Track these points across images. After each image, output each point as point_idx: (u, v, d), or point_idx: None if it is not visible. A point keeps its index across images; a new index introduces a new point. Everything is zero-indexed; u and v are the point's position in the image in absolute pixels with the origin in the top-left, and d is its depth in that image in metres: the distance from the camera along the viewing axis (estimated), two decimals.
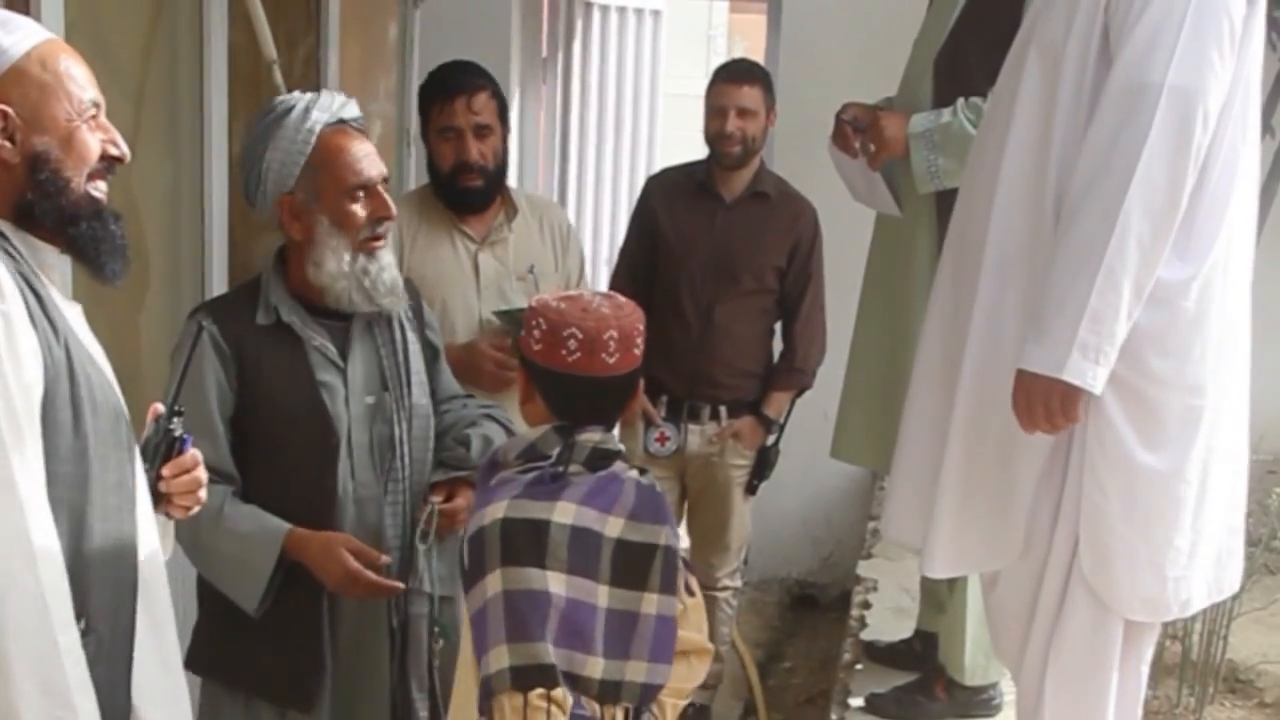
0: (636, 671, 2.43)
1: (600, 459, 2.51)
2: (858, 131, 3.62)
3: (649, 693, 2.44)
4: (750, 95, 4.51)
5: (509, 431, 3.05)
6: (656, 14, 7.31)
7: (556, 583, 2.39)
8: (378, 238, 2.87)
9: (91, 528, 2.03)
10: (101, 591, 2.04)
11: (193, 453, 2.29)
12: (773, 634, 5.95)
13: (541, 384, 2.53)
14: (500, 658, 2.35)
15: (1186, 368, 2.64)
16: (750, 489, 4.75)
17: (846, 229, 4.30)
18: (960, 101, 3.41)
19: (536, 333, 2.50)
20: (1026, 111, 2.70)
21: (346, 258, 2.83)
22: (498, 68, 5.82)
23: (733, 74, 4.59)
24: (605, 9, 6.91)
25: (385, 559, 2.85)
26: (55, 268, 2.11)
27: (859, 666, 4.23)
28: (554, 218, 4.09)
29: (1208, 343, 2.65)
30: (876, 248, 3.84)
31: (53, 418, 1.98)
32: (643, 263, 4.69)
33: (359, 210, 2.84)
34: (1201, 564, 2.74)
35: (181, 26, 3.74)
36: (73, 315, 2.11)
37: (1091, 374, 2.53)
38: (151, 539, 2.19)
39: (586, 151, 6.98)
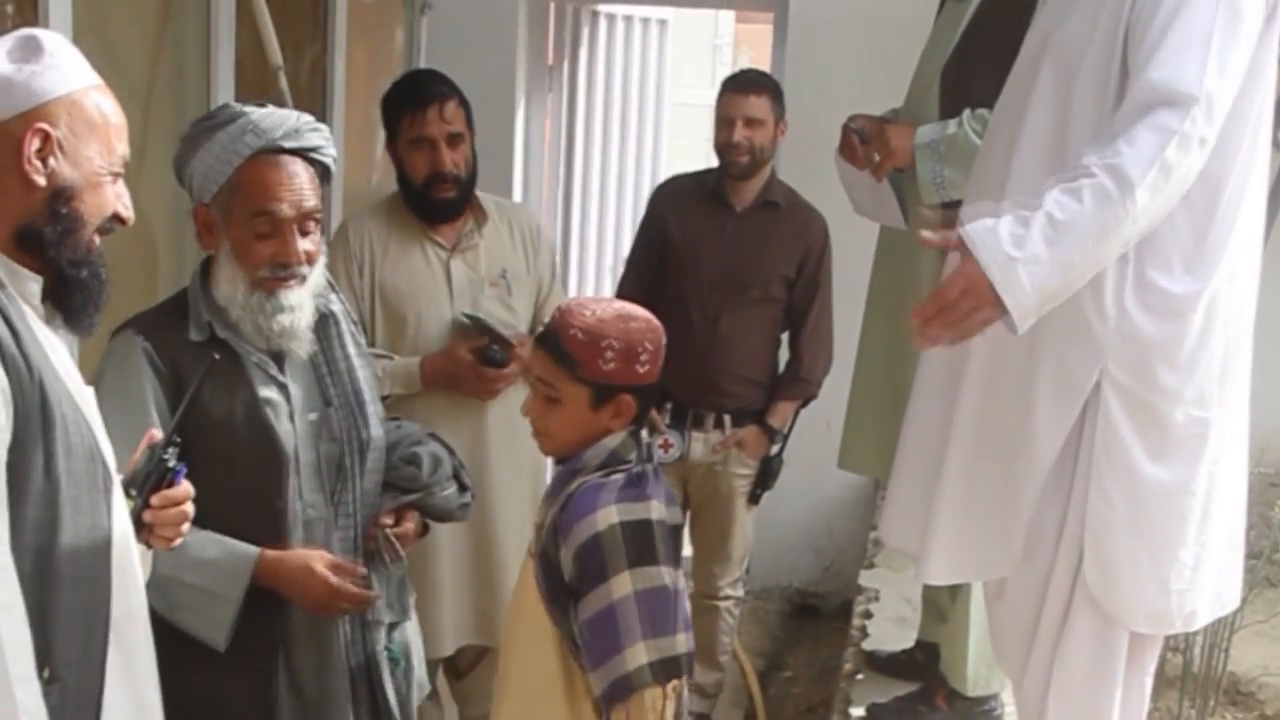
0: (684, 643, 2.57)
1: (650, 456, 2.68)
2: (864, 142, 3.63)
3: (693, 659, 2.59)
4: (758, 105, 4.49)
5: (447, 447, 3.05)
6: (663, 23, 7.32)
7: (669, 575, 2.55)
8: (279, 280, 2.71)
9: (60, 573, 1.96)
10: (69, 638, 1.97)
11: (185, 485, 2.24)
12: (774, 643, 5.95)
13: (629, 397, 2.61)
14: (638, 655, 2.47)
15: (1193, 380, 2.64)
16: (753, 498, 4.73)
17: (852, 240, 4.31)
18: (966, 113, 3.43)
19: (643, 357, 2.59)
20: (1039, 122, 2.69)
21: (242, 289, 2.70)
22: (503, 75, 5.88)
23: (740, 84, 4.57)
24: (612, 18, 6.92)
25: (362, 569, 2.79)
26: (38, 296, 2.07)
27: (860, 676, 4.23)
28: (523, 221, 4.05)
29: (1214, 356, 2.65)
30: (881, 258, 3.85)
31: (22, 461, 1.92)
32: (651, 269, 4.67)
33: (260, 247, 2.69)
34: (1206, 577, 2.74)
35: (189, 32, 3.75)
36: (50, 343, 2.05)
37: (1031, 320, 2.46)
38: (131, 577, 2.13)
39: (592, 160, 6.98)
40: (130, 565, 2.13)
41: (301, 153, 2.73)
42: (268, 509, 2.73)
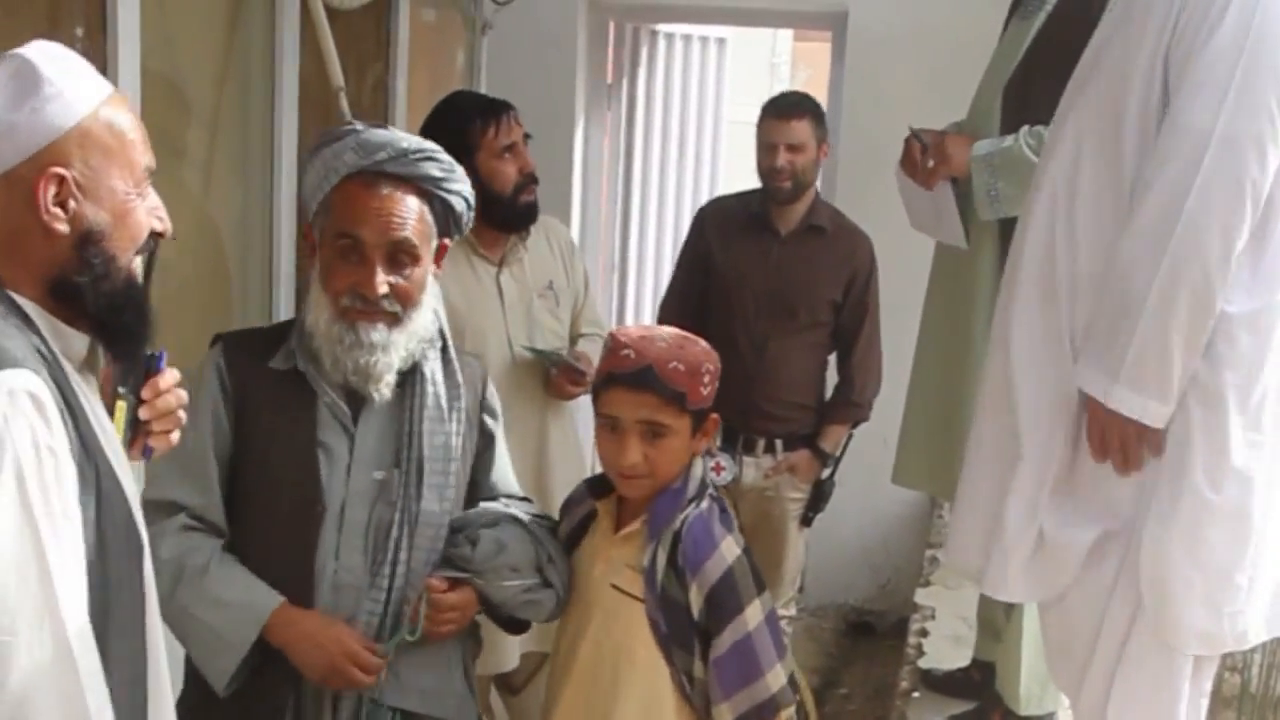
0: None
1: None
2: (923, 147, 3.63)
3: None
4: (798, 129, 4.45)
5: (535, 536, 2.71)
6: (721, 42, 7.34)
7: None
8: (360, 313, 2.49)
9: (110, 655, 1.83)
10: (117, 715, 1.84)
11: (171, 371, 2.09)
12: (829, 661, 5.94)
13: (715, 416, 2.71)
14: (778, 676, 2.58)
15: (1249, 403, 2.63)
16: (805, 521, 4.67)
17: (908, 256, 4.31)
18: (1024, 129, 3.42)
19: (711, 379, 2.66)
20: (1090, 144, 2.70)
21: (325, 316, 2.50)
22: (563, 94, 5.92)
23: (780, 109, 4.52)
24: (670, 36, 6.95)
25: (382, 660, 2.53)
26: (83, 353, 1.91)
27: (916, 694, 4.22)
28: (558, 233, 4.13)
29: (1270, 376, 2.65)
30: (938, 274, 3.83)
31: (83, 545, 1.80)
32: (695, 294, 4.63)
33: (343, 272, 2.49)
34: (1259, 597, 2.72)
35: (254, 53, 3.81)
36: (94, 406, 1.90)
37: (1141, 407, 2.54)
38: (160, 642, 2.04)
39: (650, 177, 7.01)
40: (157, 631, 2.04)
41: (413, 181, 2.53)
42: (297, 563, 2.51)
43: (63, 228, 1.82)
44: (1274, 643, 3.59)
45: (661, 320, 4.65)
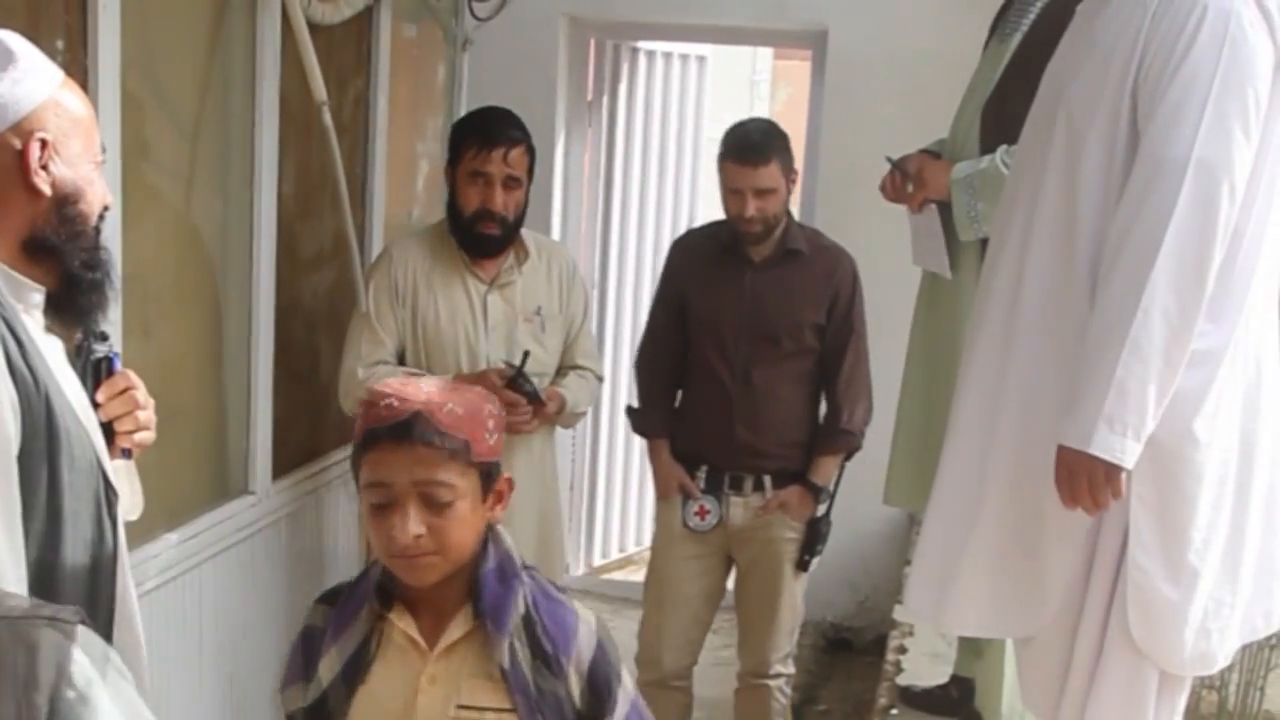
0: None
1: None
2: (903, 175, 3.65)
3: None
4: (767, 175, 4.05)
5: None
6: (702, 59, 7.35)
7: None
8: None
9: (61, 590, 1.90)
10: None
11: (124, 371, 2.18)
12: (807, 677, 5.92)
13: (508, 476, 2.22)
14: None
15: (1218, 425, 2.64)
16: (802, 565, 4.31)
17: (888, 276, 4.31)
18: (1002, 148, 3.44)
19: (497, 426, 2.17)
20: (1055, 177, 2.72)
21: None
22: (543, 110, 5.92)
23: (746, 156, 4.08)
24: (651, 54, 6.96)
25: None
26: (39, 306, 2.03)
27: (894, 711, 4.22)
28: (561, 260, 4.13)
29: (1236, 395, 2.65)
30: (923, 295, 3.85)
31: (27, 474, 1.85)
32: (675, 333, 4.33)
33: None
34: (1239, 612, 2.74)
35: (235, 67, 3.81)
36: (52, 354, 2.00)
37: (1120, 447, 2.52)
38: (131, 603, 2.07)
39: (630, 194, 7.01)
40: (127, 590, 2.06)
41: None
42: None
43: (46, 189, 1.99)
44: (1252, 660, 3.60)
45: (640, 363, 4.45)
